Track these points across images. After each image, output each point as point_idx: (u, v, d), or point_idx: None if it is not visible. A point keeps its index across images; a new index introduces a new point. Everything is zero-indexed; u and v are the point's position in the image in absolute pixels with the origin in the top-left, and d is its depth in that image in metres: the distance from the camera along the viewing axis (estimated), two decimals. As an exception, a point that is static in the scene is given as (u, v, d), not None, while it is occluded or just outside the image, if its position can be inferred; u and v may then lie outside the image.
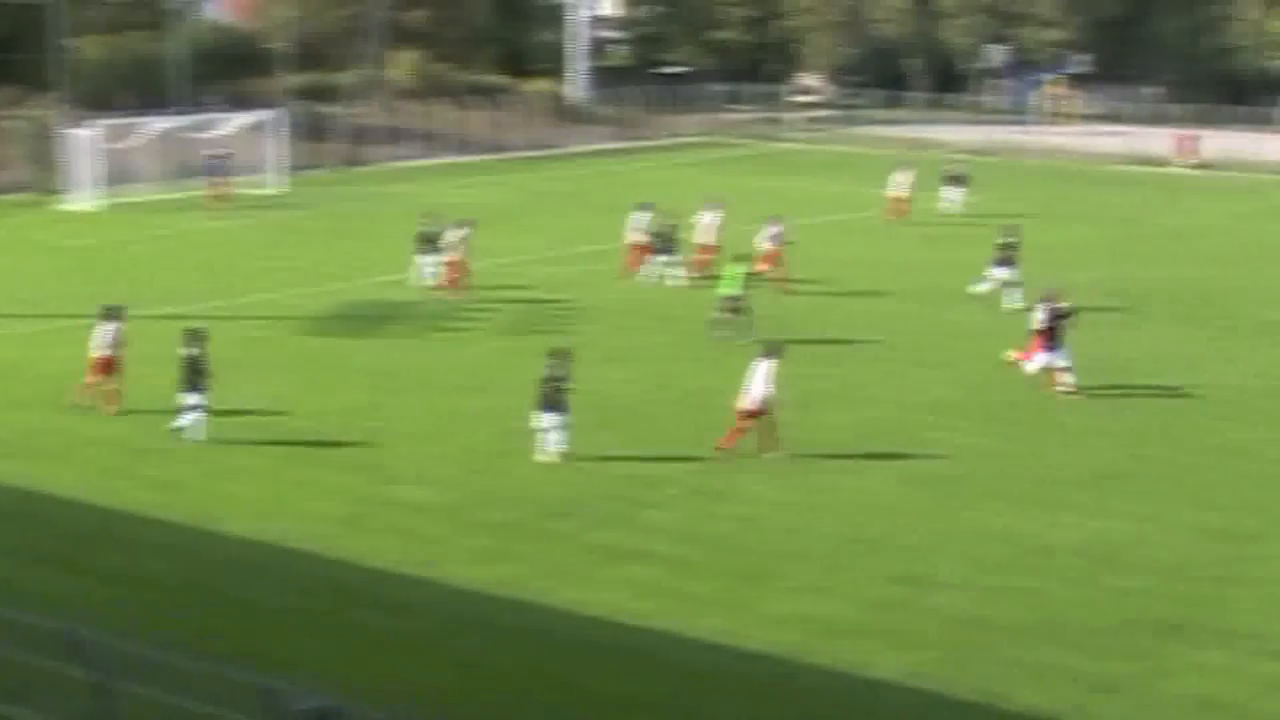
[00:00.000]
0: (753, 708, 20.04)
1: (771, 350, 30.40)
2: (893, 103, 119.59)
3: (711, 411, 32.23)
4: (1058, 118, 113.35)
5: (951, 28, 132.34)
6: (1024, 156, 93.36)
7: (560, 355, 29.91)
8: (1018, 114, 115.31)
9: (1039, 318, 35.76)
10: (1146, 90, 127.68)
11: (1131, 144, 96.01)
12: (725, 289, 40.94)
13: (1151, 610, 23.10)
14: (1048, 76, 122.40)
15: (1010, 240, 45.55)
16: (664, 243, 47.96)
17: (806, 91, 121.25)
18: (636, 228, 49.17)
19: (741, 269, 41.19)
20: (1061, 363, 35.26)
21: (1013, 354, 36.61)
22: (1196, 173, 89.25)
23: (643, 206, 49.51)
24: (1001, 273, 45.13)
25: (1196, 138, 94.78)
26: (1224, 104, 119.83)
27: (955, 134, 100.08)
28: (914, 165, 67.06)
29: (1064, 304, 35.69)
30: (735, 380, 30.57)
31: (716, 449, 30.05)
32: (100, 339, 32.65)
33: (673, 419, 32.96)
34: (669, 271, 47.49)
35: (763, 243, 48.10)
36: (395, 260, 48.78)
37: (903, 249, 55.71)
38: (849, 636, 22.01)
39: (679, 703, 20.17)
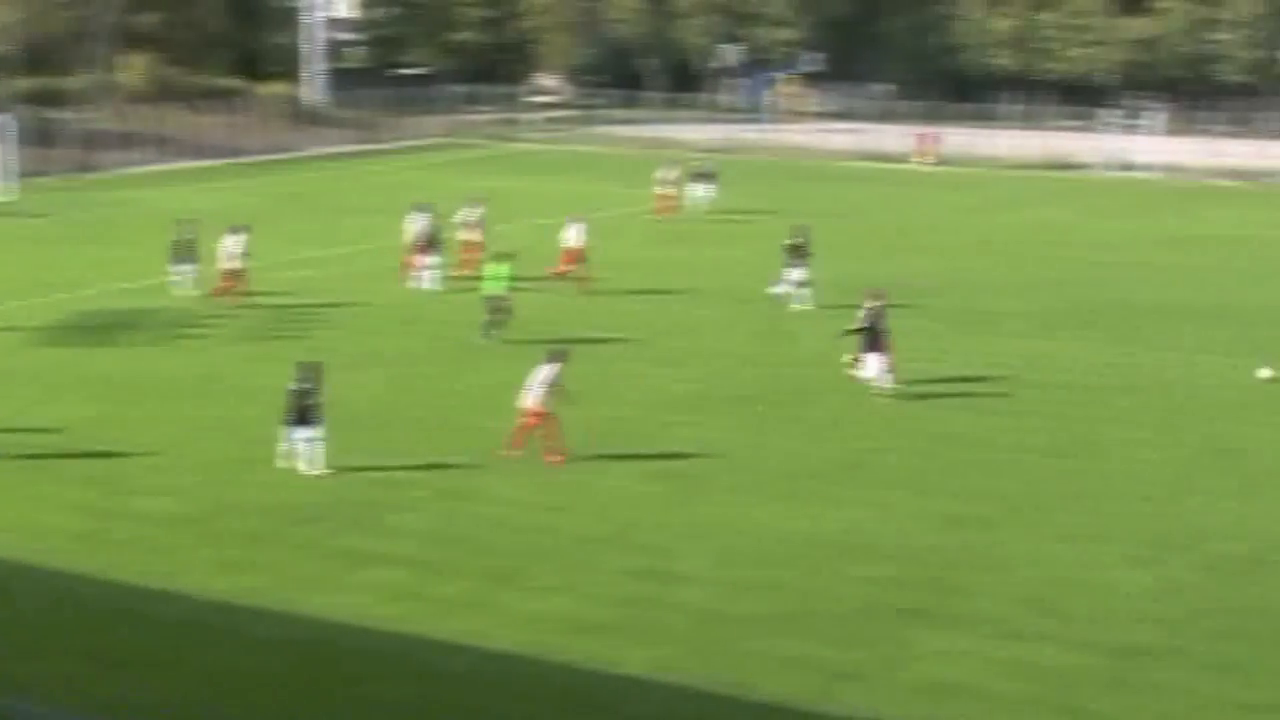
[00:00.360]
0: (503, 707, 20.02)
1: (556, 355, 30.47)
2: (630, 102, 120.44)
3: (460, 413, 32.11)
4: (791, 116, 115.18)
5: (686, 27, 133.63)
6: (761, 154, 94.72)
7: (309, 368, 29.36)
8: (753, 113, 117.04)
9: (859, 316, 36.03)
10: (878, 88, 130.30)
11: (864, 141, 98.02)
12: (489, 288, 40.91)
13: (893, 597, 23.59)
14: (781, 75, 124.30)
15: (798, 241, 45.84)
16: (430, 244, 47.60)
17: (544, 92, 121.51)
18: (415, 229, 48.78)
19: (504, 268, 41.09)
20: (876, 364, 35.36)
21: (849, 358, 36.28)
22: (933, 169, 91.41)
23: (419, 208, 49.17)
24: (795, 274, 45.37)
25: (937, 135, 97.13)
26: (951, 101, 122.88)
27: (693, 133, 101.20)
28: (679, 162, 68.20)
29: (877, 304, 35.91)
30: (485, 381, 30.57)
31: (504, 451, 29.95)
32: None
33: (420, 422, 32.77)
34: (431, 274, 47.18)
35: (565, 242, 48.35)
36: (137, 267, 47.80)
37: (665, 247, 56.15)
38: (597, 633, 22.11)
39: (428, 705, 20.06)
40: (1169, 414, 34.83)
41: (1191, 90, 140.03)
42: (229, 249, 44.81)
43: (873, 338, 35.45)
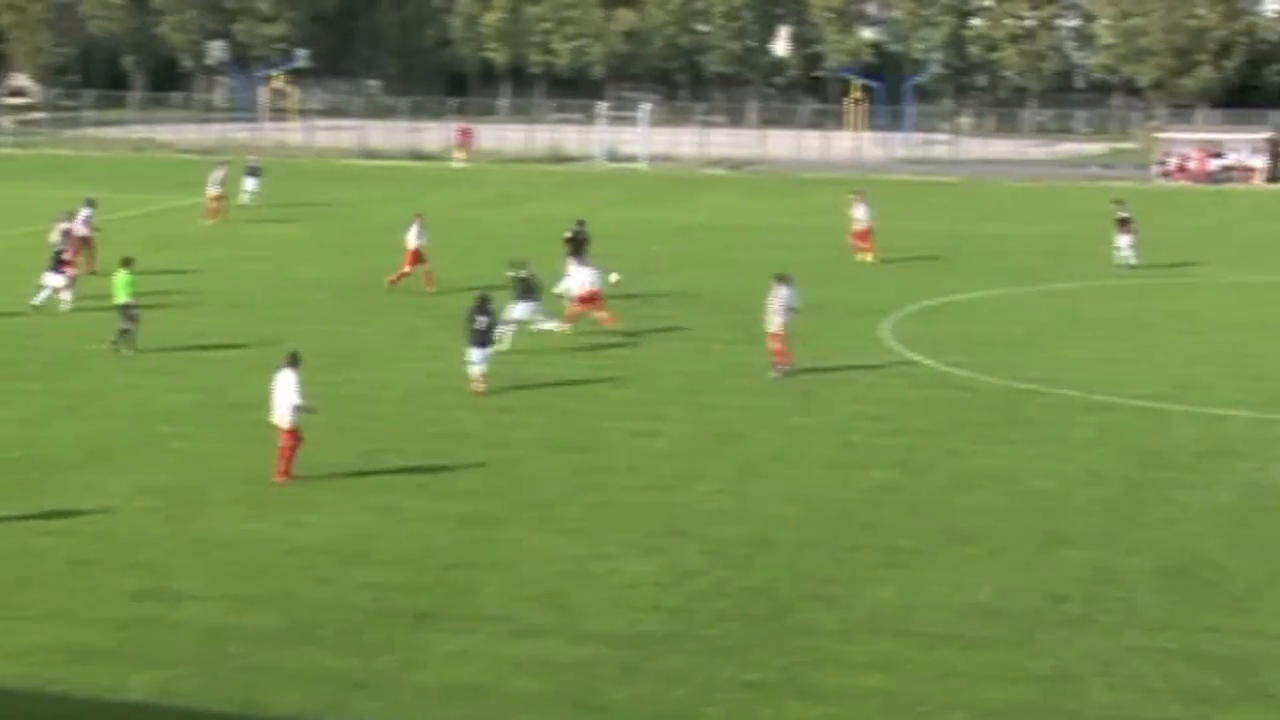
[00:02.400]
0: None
1: (292, 360, 29.63)
2: (112, 103, 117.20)
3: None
4: (281, 114, 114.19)
5: (169, 24, 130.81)
6: (257, 154, 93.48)
7: None
8: (246, 111, 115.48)
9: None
10: (373, 84, 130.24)
11: (362, 138, 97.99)
12: (119, 297, 39.99)
13: (405, 602, 23.68)
14: (272, 72, 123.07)
15: (521, 274, 42.59)
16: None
17: (17, 93, 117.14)
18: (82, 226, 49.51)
19: (128, 275, 40.14)
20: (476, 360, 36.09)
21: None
22: (423, 164, 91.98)
23: (88, 202, 48.46)
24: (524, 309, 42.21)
25: (470, 131, 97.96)
26: (449, 96, 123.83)
27: (183, 133, 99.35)
28: (228, 163, 67.27)
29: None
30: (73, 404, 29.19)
31: (278, 480, 29.07)
32: None
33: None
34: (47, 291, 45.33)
35: (410, 241, 48.53)
36: None
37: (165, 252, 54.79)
38: (97, 660, 21.50)
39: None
40: (667, 403, 35.97)
41: (681, 81, 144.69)
42: None
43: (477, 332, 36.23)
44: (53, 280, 44.63)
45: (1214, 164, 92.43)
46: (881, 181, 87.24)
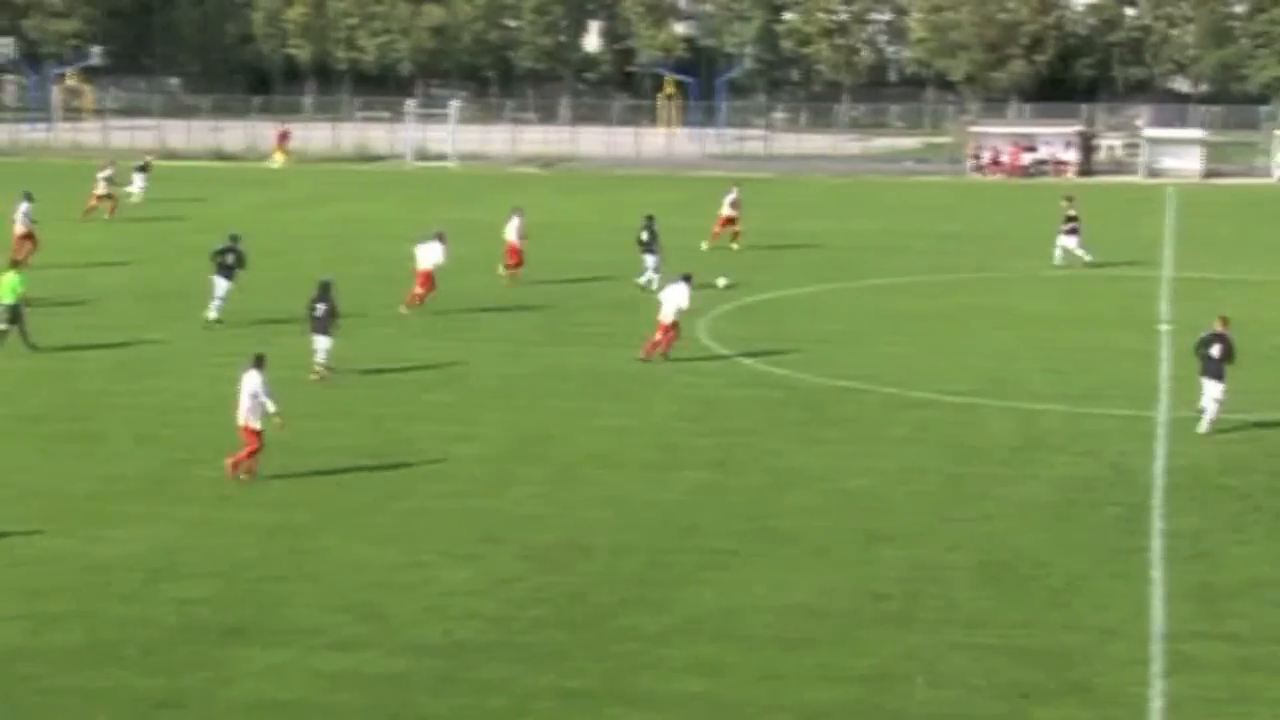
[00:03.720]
0: None
1: (258, 361, 29.60)
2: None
3: None
4: (76, 114, 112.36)
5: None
6: (49, 155, 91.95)
7: None
8: (38, 111, 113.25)
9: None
10: (172, 82, 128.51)
11: (162, 138, 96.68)
12: (6, 299, 40.11)
13: (211, 617, 23.39)
14: (65, 70, 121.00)
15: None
16: None
17: None
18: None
19: (14, 276, 40.41)
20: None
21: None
22: (226, 165, 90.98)
23: (26, 196, 51.38)
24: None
25: (289, 132, 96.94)
26: (252, 94, 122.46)
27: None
28: (114, 160, 66.99)
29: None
30: None
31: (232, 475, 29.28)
32: None
33: None
34: None
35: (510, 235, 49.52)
36: None
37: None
38: (-112, 687, 21.01)
39: None
40: (480, 406, 35.90)
41: (491, 78, 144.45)
42: None
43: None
44: None
45: (1027, 158, 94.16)
46: (695, 178, 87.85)
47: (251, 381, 29.48)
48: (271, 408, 29.47)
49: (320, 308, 37.31)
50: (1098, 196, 74.43)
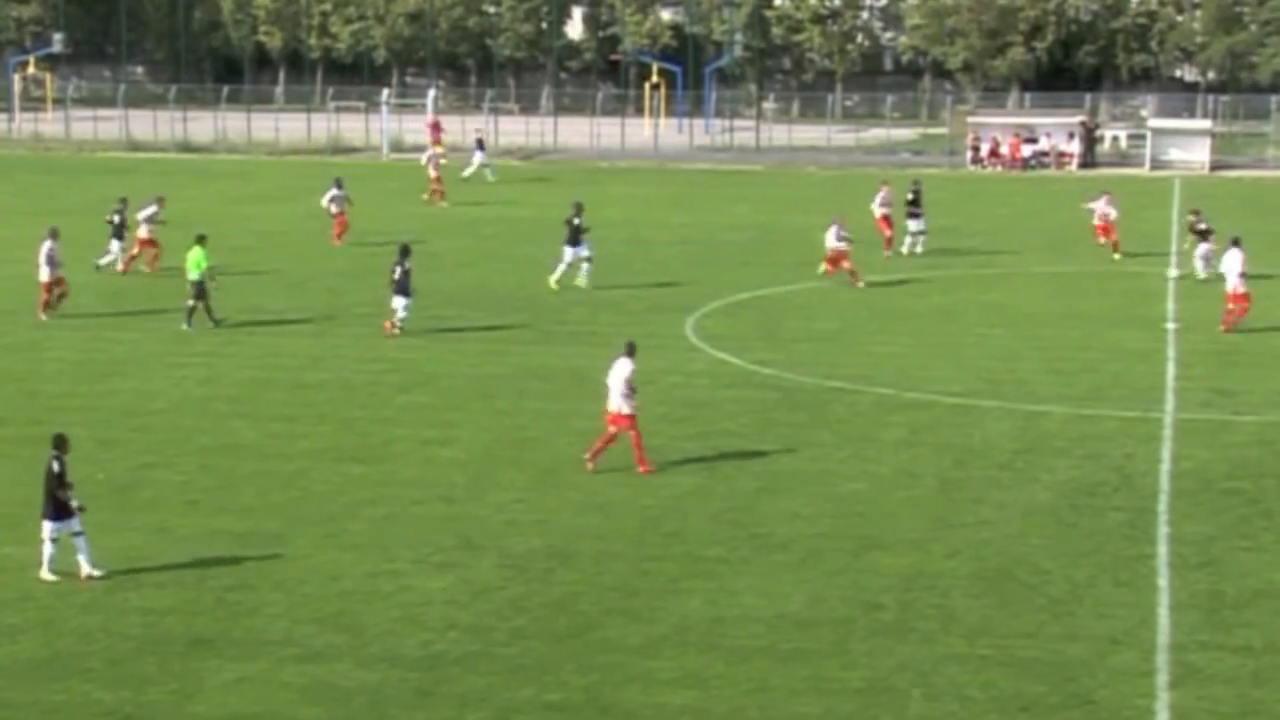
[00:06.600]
0: None
1: (629, 349, 30.99)
2: None
3: None
4: (36, 103, 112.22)
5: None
6: (9, 147, 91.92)
7: None
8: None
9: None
10: (137, 71, 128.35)
11: (126, 129, 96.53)
12: (189, 274, 41.80)
13: (177, 627, 23.35)
14: (26, 58, 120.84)
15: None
16: None
17: None
18: None
19: (199, 251, 42.04)
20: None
21: None
22: (191, 156, 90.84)
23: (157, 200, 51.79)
24: None
25: (438, 123, 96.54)
26: (220, 83, 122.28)
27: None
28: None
29: None
30: None
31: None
32: None
33: None
34: None
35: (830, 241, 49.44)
36: None
37: None
38: None
39: None
40: (458, 408, 35.85)
41: (470, 66, 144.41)
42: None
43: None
44: None
45: (1027, 150, 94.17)
46: (682, 171, 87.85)
47: (623, 368, 30.60)
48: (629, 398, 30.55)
49: (399, 269, 42.14)
50: (1101, 190, 74.45)
